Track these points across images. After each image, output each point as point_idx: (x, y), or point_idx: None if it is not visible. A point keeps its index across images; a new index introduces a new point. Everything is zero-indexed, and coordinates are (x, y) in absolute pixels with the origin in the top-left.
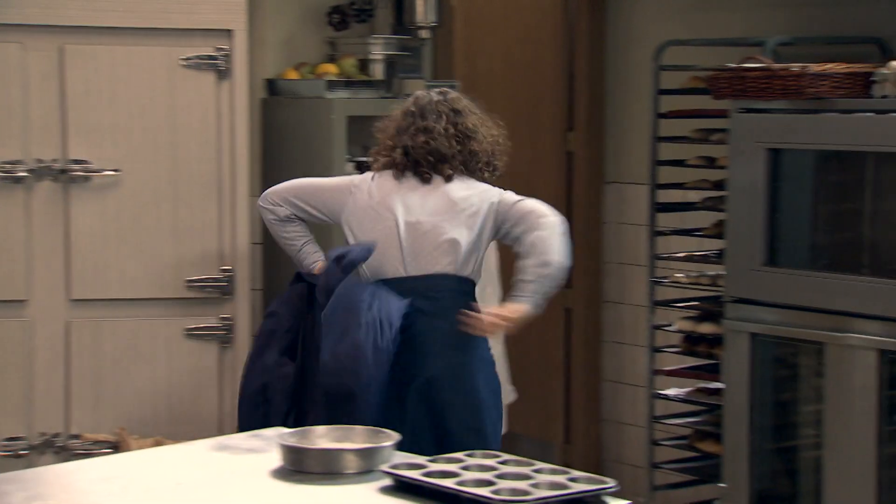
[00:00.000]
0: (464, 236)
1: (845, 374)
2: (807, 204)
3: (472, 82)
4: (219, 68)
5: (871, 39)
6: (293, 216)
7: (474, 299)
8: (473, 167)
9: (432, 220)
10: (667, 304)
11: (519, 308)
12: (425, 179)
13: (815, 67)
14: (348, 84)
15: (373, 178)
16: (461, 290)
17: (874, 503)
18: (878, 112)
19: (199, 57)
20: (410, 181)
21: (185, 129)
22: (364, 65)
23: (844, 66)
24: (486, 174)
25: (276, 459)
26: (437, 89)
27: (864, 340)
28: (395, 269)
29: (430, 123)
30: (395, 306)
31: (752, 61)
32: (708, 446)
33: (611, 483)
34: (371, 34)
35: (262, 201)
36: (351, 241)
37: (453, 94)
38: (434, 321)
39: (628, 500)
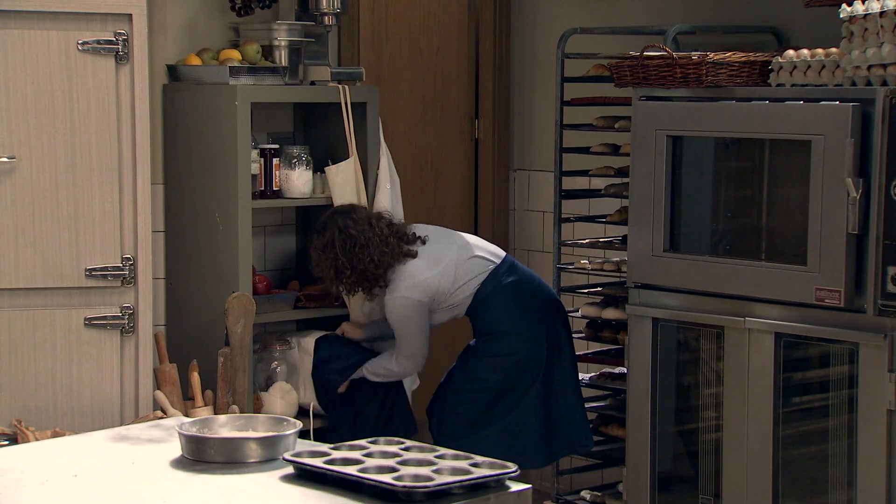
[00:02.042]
0: None
1: (743, 358)
2: (707, 191)
3: (377, 69)
4: (118, 53)
5: (768, 29)
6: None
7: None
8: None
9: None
10: (572, 290)
11: None
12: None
13: (713, 56)
14: (252, 70)
15: (403, 283)
16: None
17: (770, 483)
18: (774, 100)
19: (97, 41)
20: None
21: (84, 114)
22: (268, 51)
23: (742, 54)
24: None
25: (176, 449)
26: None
27: (761, 324)
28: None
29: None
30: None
31: (654, 50)
32: (613, 430)
33: (512, 468)
34: (275, 20)
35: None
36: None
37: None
38: None
39: (532, 484)
